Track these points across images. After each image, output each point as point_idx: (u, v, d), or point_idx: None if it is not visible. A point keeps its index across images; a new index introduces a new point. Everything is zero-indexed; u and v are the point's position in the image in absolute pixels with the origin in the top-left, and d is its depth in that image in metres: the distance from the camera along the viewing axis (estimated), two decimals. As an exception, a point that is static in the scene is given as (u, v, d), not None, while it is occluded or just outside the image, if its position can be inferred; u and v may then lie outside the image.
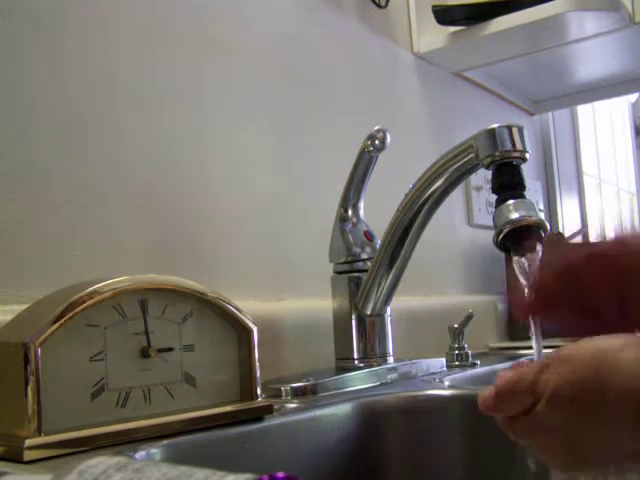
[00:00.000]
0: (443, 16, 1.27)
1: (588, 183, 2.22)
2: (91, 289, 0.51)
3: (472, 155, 0.71)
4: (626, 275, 0.40)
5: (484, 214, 1.47)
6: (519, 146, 0.68)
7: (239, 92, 0.93)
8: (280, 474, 0.26)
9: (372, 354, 0.86)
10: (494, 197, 0.67)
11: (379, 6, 1.22)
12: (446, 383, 0.83)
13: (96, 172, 0.74)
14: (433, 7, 1.28)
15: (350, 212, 0.88)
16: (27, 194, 0.68)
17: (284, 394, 0.74)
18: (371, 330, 0.86)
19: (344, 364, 0.86)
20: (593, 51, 1.43)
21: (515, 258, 0.61)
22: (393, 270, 0.81)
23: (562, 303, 0.43)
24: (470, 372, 0.96)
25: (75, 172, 0.72)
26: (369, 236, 0.87)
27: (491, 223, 0.66)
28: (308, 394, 0.74)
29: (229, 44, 0.92)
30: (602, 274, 0.41)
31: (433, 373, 0.92)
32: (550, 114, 1.88)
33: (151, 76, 0.81)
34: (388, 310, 0.87)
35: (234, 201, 0.90)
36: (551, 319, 0.45)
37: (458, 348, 1.02)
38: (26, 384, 0.48)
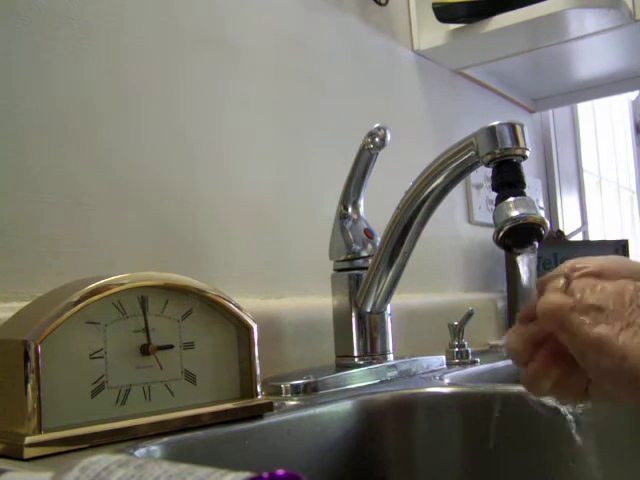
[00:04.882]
0: (443, 13, 1.27)
1: (588, 181, 2.22)
2: (91, 286, 0.51)
3: (472, 153, 0.71)
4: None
5: (484, 212, 1.47)
6: (519, 144, 0.68)
7: (238, 90, 0.93)
8: (280, 472, 0.26)
9: (372, 352, 0.86)
10: (494, 195, 0.67)
11: (379, 4, 1.22)
12: (446, 381, 0.83)
13: (95, 171, 0.74)
14: (433, 4, 1.27)
15: (350, 209, 0.88)
16: (27, 193, 0.68)
17: (284, 392, 0.74)
18: (371, 328, 0.86)
19: (344, 362, 0.86)
20: (593, 49, 1.43)
21: (515, 256, 0.61)
22: (393, 268, 0.81)
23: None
24: (470, 370, 0.96)
25: (74, 172, 0.72)
26: (369, 234, 0.87)
27: (491, 221, 0.66)
28: (308, 392, 0.74)
29: (227, 42, 0.92)
30: None
31: (433, 371, 0.92)
32: (550, 112, 1.88)
33: (148, 75, 0.81)
34: (388, 308, 0.87)
35: (234, 199, 0.90)
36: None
37: (458, 346, 1.02)
38: (26, 382, 0.48)
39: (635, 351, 0.37)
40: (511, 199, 0.65)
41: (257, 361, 0.61)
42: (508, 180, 0.67)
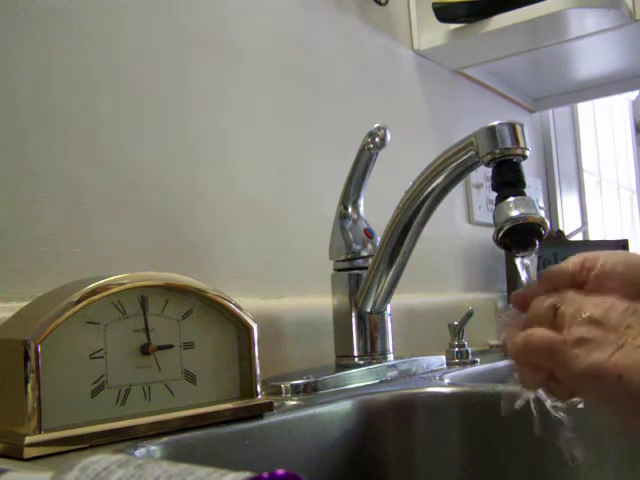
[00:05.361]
0: (443, 13, 1.27)
1: (588, 180, 2.22)
2: (91, 286, 0.51)
3: (472, 152, 0.71)
4: None
5: (484, 211, 1.47)
6: (519, 143, 0.68)
7: (239, 90, 0.93)
8: (280, 471, 0.26)
9: (372, 352, 0.86)
10: (494, 194, 0.67)
11: (379, 3, 1.22)
12: (446, 381, 0.83)
13: (96, 171, 0.74)
14: (433, 4, 1.27)
15: (350, 209, 0.88)
16: (27, 193, 0.68)
17: (284, 391, 0.74)
18: (371, 327, 0.86)
19: (344, 361, 0.86)
20: (593, 48, 1.43)
21: (515, 255, 0.61)
22: (393, 267, 0.81)
23: None
24: (470, 369, 0.96)
25: (75, 171, 0.72)
26: (369, 233, 0.87)
27: (491, 220, 0.66)
28: (308, 391, 0.74)
29: (228, 42, 0.92)
30: None
31: (433, 370, 0.92)
32: (550, 111, 1.88)
33: (148, 75, 0.81)
34: (388, 307, 0.87)
35: (234, 199, 0.90)
36: None
37: (458, 345, 1.02)
38: (26, 382, 0.48)
39: (630, 368, 0.37)
40: (511, 199, 0.64)
41: (257, 361, 0.61)
42: (508, 180, 0.67)
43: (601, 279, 0.42)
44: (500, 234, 0.63)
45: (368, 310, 0.85)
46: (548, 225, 0.64)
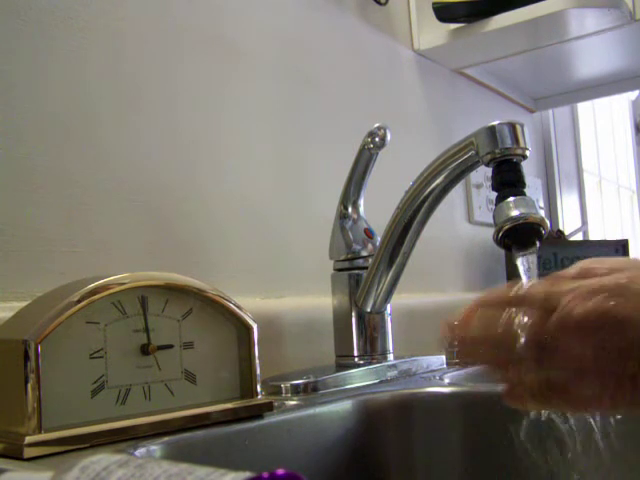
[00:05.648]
0: (443, 13, 1.27)
1: (588, 180, 2.22)
2: (91, 286, 0.51)
3: (472, 152, 0.71)
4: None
5: (484, 211, 1.47)
6: (519, 143, 0.68)
7: (238, 90, 0.93)
8: (280, 471, 0.26)
9: (372, 351, 0.86)
10: (494, 194, 0.67)
11: (379, 3, 1.22)
12: (446, 380, 0.83)
13: (95, 171, 0.74)
14: (433, 4, 1.27)
15: (350, 209, 0.88)
16: (27, 193, 0.67)
17: (284, 391, 0.74)
18: (371, 327, 0.86)
19: (344, 361, 0.86)
20: (594, 48, 1.43)
21: (515, 255, 0.61)
22: (393, 267, 0.81)
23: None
24: (470, 369, 0.96)
25: (74, 171, 0.72)
26: (369, 233, 0.87)
27: (491, 220, 0.66)
28: (308, 391, 0.74)
29: (227, 42, 0.92)
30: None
31: (433, 370, 0.92)
32: (550, 111, 1.88)
33: (148, 75, 0.81)
34: (388, 307, 0.87)
35: (234, 198, 0.90)
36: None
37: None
38: (26, 381, 0.48)
39: None
40: (511, 199, 0.65)
41: (257, 361, 0.61)
42: (508, 180, 0.67)
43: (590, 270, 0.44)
44: (500, 234, 0.63)
45: (368, 310, 0.85)
46: (548, 225, 0.64)
